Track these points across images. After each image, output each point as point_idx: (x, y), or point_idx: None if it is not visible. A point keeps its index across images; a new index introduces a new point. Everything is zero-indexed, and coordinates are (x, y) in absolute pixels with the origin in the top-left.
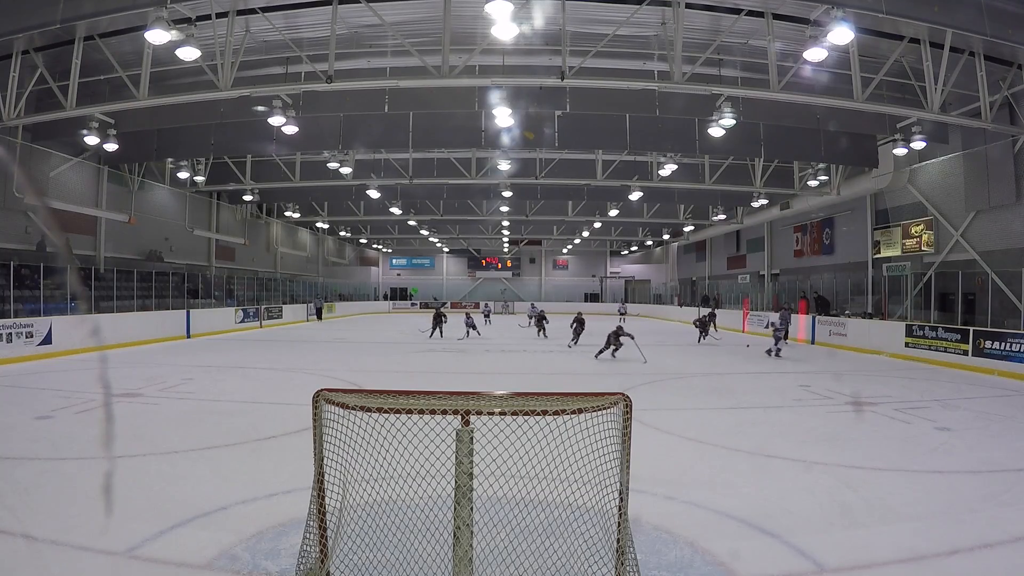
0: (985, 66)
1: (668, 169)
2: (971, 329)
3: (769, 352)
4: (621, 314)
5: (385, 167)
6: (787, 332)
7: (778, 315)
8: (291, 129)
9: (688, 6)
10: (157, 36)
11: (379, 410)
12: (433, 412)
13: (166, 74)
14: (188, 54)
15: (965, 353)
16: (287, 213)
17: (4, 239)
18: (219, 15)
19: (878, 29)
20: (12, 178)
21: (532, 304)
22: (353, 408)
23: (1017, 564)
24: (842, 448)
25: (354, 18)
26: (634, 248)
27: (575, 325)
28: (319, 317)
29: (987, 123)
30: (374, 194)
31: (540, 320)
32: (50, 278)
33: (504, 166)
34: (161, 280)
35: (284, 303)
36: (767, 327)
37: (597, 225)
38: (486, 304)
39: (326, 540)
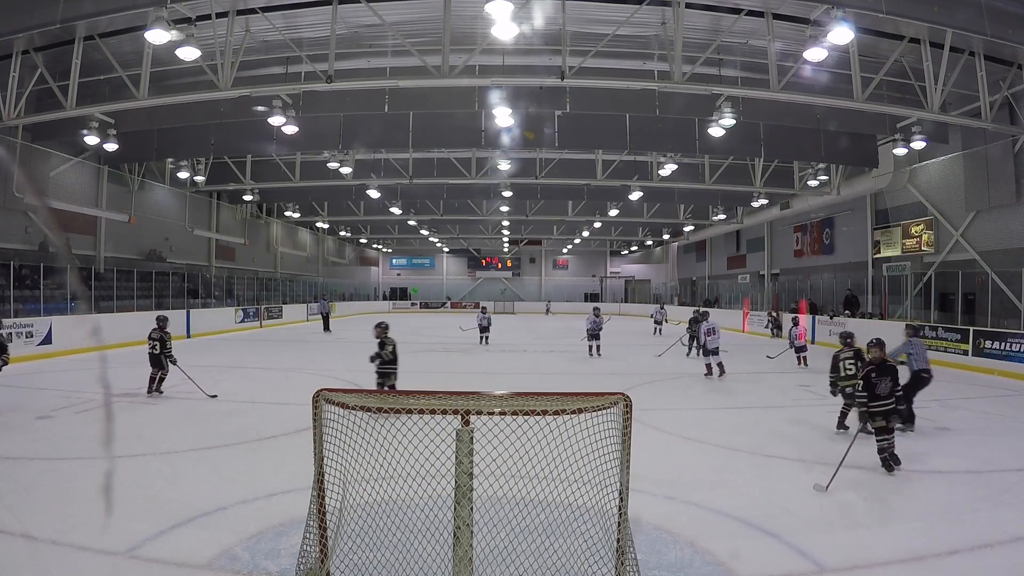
0: (985, 66)
1: (668, 169)
2: (971, 329)
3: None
4: (656, 322)
5: (385, 167)
6: (697, 341)
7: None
8: (291, 129)
9: (688, 6)
10: (157, 36)
11: (379, 410)
12: (433, 412)
13: (166, 74)
14: (188, 54)
15: (965, 353)
16: (287, 213)
17: (4, 239)
18: (219, 15)
19: (878, 29)
20: (12, 178)
21: (483, 308)
22: (353, 408)
23: (1017, 564)
24: (842, 448)
25: (354, 18)
26: (634, 248)
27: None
28: (326, 326)
29: (987, 123)
30: (374, 194)
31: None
32: (50, 278)
33: (504, 166)
34: (161, 280)
35: (284, 303)
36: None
37: (597, 225)
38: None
39: (326, 540)
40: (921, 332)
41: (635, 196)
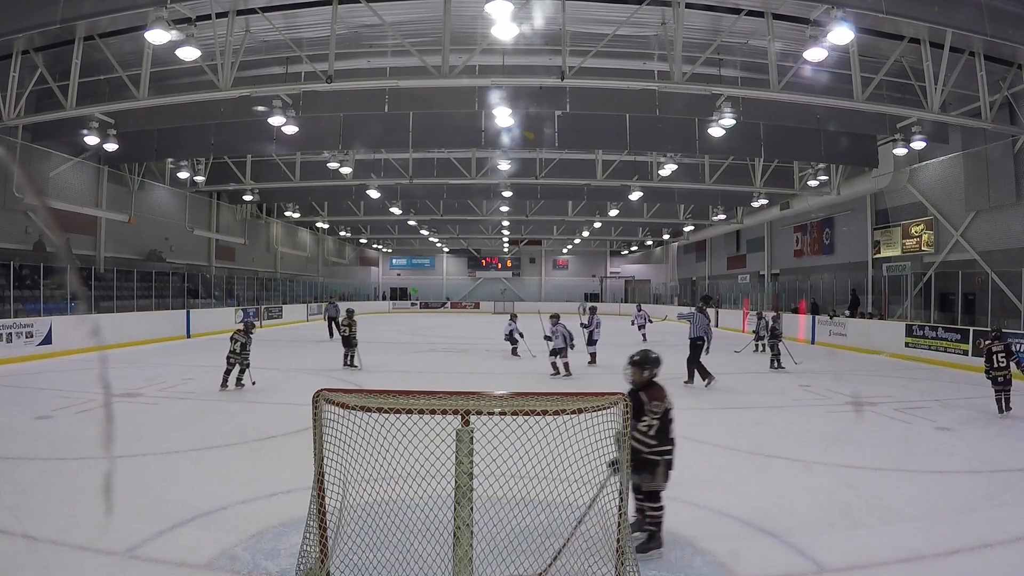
0: (985, 66)
1: (668, 169)
2: (971, 329)
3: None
4: (640, 327)
5: (385, 167)
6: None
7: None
8: (291, 129)
9: (688, 6)
10: (157, 36)
11: (379, 410)
12: (433, 412)
13: (166, 74)
14: (188, 54)
15: (965, 353)
16: (287, 213)
17: (4, 239)
18: (219, 15)
19: (878, 29)
20: (12, 178)
21: (512, 316)
22: (353, 408)
23: (1017, 564)
24: (842, 448)
25: (354, 18)
26: (634, 248)
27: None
28: (334, 330)
29: (987, 123)
30: (374, 194)
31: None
32: (50, 278)
33: (504, 166)
34: (161, 280)
35: (284, 303)
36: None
37: (597, 225)
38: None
39: (326, 540)
40: (704, 309)
41: (635, 196)
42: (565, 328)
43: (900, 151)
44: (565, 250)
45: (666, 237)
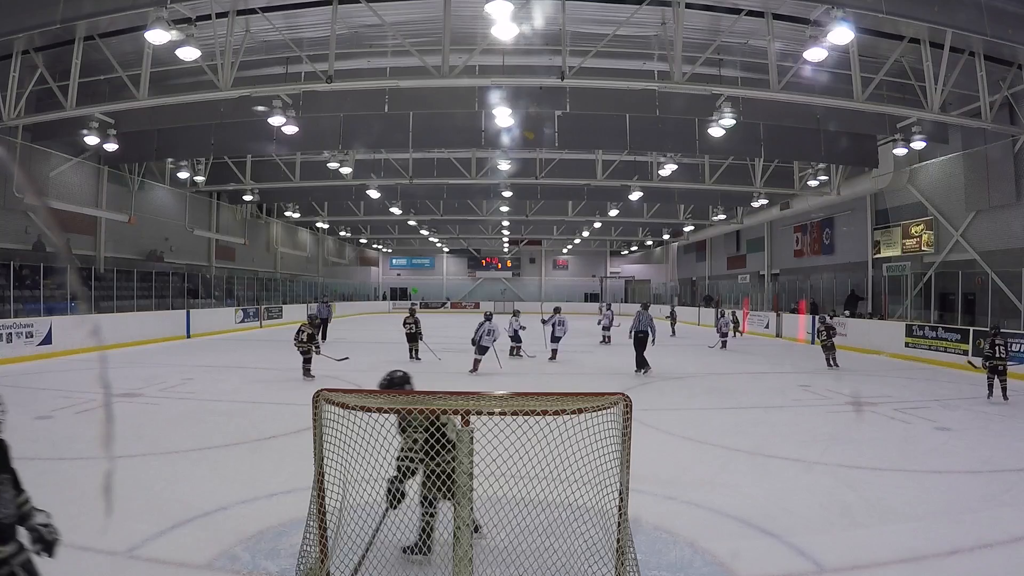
0: (985, 66)
1: (668, 169)
2: (971, 329)
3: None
4: (605, 328)
5: (385, 167)
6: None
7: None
8: (291, 129)
9: (688, 6)
10: (157, 36)
11: (379, 410)
12: (433, 412)
13: (166, 74)
14: (188, 54)
15: (965, 353)
16: (287, 213)
17: (4, 239)
18: (219, 15)
19: (878, 29)
20: (12, 178)
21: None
22: (353, 408)
23: (1017, 564)
24: (842, 448)
25: (354, 18)
26: (634, 248)
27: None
28: (321, 334)
29: (987, 123)
30: (374, 194)
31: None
32: (50, 278)
33: (504, 166)
34: (161, 280)
35: (284, 303)
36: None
37: (597, 225)
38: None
39: (326, 540)
40: (648, 306)
41: (635, 196)
42: (496, 329)
43: (900, 151)
44: (565, 250)
45: (666, 237)
